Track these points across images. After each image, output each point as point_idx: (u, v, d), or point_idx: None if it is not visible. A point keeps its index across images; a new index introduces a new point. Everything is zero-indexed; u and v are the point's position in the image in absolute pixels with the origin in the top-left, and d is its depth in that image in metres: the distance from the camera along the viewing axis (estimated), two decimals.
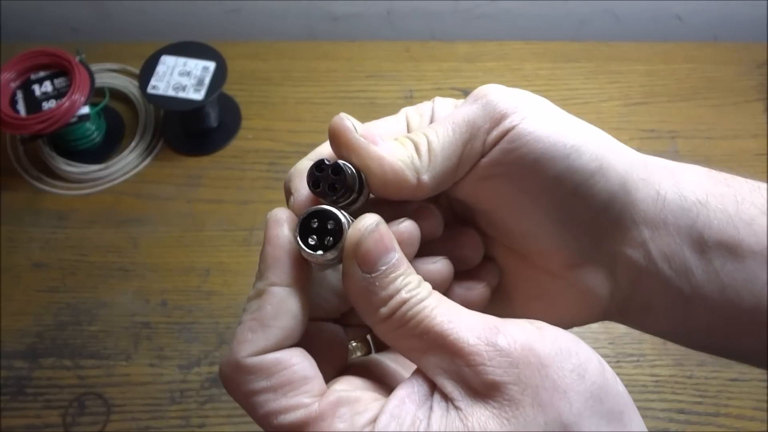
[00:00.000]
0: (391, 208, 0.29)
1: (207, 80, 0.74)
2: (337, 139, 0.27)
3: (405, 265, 0.25)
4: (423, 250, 0.29)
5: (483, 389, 0.23)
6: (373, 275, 0.25)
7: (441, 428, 0.23)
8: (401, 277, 0.25)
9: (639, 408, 0.24)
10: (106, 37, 0.90)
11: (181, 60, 0.76)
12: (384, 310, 0.25)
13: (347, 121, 0.27)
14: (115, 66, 0.82)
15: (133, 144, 0.77)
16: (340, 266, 0.26)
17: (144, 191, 0.74)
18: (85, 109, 0.72)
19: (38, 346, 0.65)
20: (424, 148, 0.27)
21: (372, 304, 0.25)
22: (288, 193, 0.29)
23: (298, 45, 0.85)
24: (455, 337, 0.24)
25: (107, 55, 0.83)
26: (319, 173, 0.26)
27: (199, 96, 0.73)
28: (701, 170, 0.30)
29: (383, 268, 0.25)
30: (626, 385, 0.25)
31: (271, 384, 0.25)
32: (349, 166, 0.27)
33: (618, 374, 0.25)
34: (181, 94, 0.73)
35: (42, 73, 0.74)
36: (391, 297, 0.25)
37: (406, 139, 0.28)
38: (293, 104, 0.80)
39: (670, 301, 0.29)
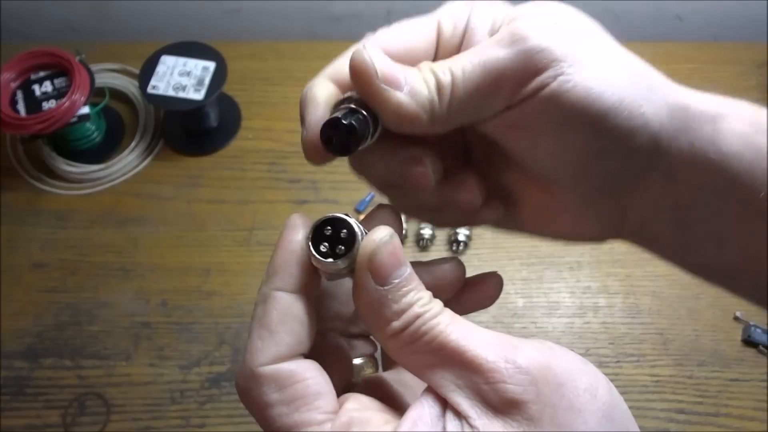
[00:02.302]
0: (397, 141, 0.28)
1: (207, 80, 0.74)
2: (357, 80, 0.27)
3: (416, 281, 0.25)
4: (422, 196, 0.29)
5: (502, 407, 0.23)
6: (386, 288, 0.24)
7: None
8: (413, 292, 0.25)
9: (639, 408, 0.24)
10: (106, 37, 0.90)
11: (181, 60, 0.76)
12: (397, 323, 0.24)
13: (369, 63, 0.26)
14: (115, 66, 0.82)
15: (133, 144, 0.77)
16: (347, 279, 0.26)
17: (144, 191, 0.74)
18: (85, 109, 0.72)
19: (38, 346, 0.65)
20: (447, 92, 0.26)
21: (384, 317, 0.24)
22: (301, 118, 0.28)
23: (299, 45, 0.85)
24: (473, 354, 0.23)
25: (107, 55, 0.83)
26: (333, 131, 0.26)
27: (199, 96, 0.73)
28: (746, 114, 0.28)
29: (396, 281, 0.24)
30: (626, 385, 0.25)
31: (284, 397, 0.24)
32: (363, 112, 0.26)
33: (618, 374, 0.25)
34: (181, 94, 0.73)
35: (42, 73, 0.74)
36: (403, 311, 0.24)
37: (431, 75, 0.27)
38: (293, 104, 0.79)
39: (681, 238, 0.30)
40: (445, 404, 0.24)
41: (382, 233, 0.25)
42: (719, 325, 0.66)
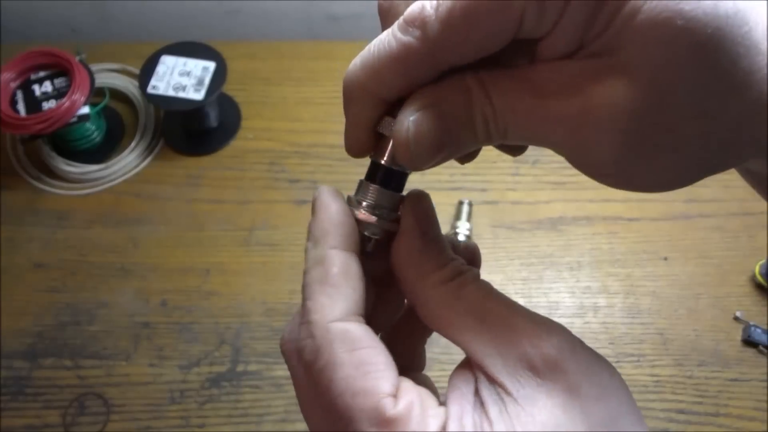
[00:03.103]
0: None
1: (207, 80, 0.74)
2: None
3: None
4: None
5: (546, 370, 0.22)
6: (430, 239, 0.25)
7: (507, 427, 0.22)
8: (451, 253, 0.25)
9: (639, 408, 0.24)
10: (106, 37, 0.90)
11: (181, 60, 0.76)
12: (444, 272, 0.24)
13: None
14: (115, 66, 0.82)
15: (133, 144, 0.77)
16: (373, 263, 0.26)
17: (144, 191, 0.74)
18: (85, 109, 0.72)
19: (38, 346, 0.65)
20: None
21: (429, 266, 0.24)
22: (345, 110, 0.26)
23: (298, 45, 0.85)
24: (518, 319, 0.23)
25: (107, 55, 0.83)
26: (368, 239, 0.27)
27: (199, 96, 0.73)
28: None
29: (437, 235, 0.25)
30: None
31: (354, 359, 0.23)
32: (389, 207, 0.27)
33: None
34: (181, 94, 0.73)
35: (42, 73, 0.74)
36: (447, 263, 0.24)
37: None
38: (293, 104, 0.80)
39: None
40: (477, 380, 0.23)
41: (420, 191, 0.26)
42: (719, 325, 0.66)
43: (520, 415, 0.21)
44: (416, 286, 0.25)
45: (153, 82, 0.74)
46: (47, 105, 0.72)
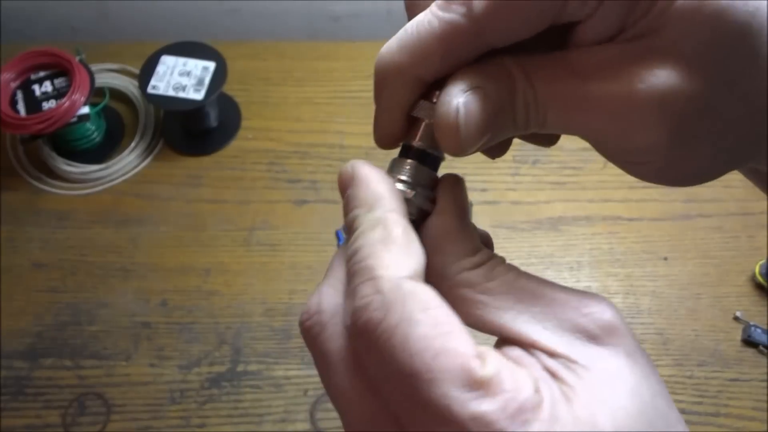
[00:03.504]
0: None
1: (207, 80, 0.74)
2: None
3: None
4: None
5: (604, 334, 0.21)
6: (465, 222, 0.24)
7: (590, 391, 0.20)
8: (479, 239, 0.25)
9: None
10: (106, 37, 0.90)
11: (181, 60, 0.76)
12: (472, 258, 0.23)
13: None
14: (115, 66, 0.82)
15: (133, 144, 0.77)
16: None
17: (144, 191, 0.74)
18: (85, 109, 0.72)
19: (38, 346, 0.65)
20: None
21: (462, 250, 0.23)
22: (377, 95, 0.26)
23: (299, 45, 0.85)
24: (557, 293, 0.22)
25: (107, 55, 0.83)
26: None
27: (199, 96, 0.73)
28: None
29: (469, 220, 0.24)
30: None
31: (429, 318, 0.20)
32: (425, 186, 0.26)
33: None
34: (181, 94, 0.73)
35: (42, 73, 0.74)
36: (480, 248, 0.24)
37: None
38: (293, 104, 0.80)
39: None
40: (533, 356, 0.22)
41: (457, 174, 0.25)
42: (719, 325, 0.66)
43: (596, 380, 0.20)
44: (450, 269, 0.23)
45: (153, 82, 0.74)
46: (47, 105, 0.72)
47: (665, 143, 0.22)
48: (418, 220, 0.25)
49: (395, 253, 0.22)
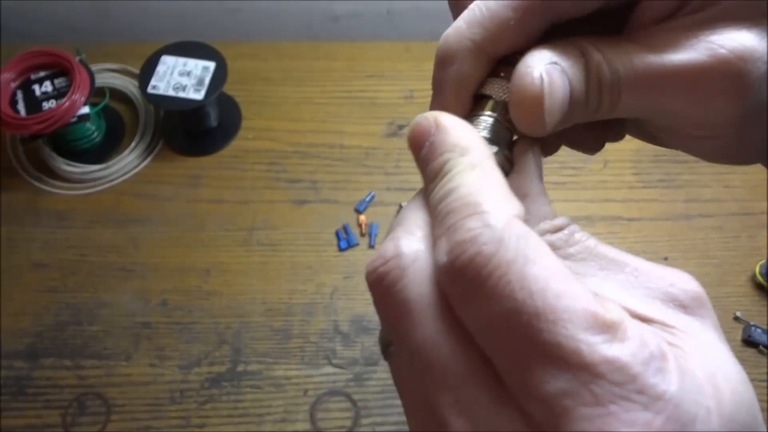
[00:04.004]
0: None
1: (207, 80, 0.74)
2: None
3: None
4: None
5: (693, 305, 0.20)
6: (542, 185, 0.24)
7: (693, 348, 0.19)
8: None
9: None
10: (106, 37, 0.90)
11: (181, 60, 0.76)
12: (551, 222, 0.22)
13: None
14: (115, 66, 0.82)
15: (133, 144, 0.77)
16: None
17: (144, 191, 0.74)
18: (85, 109, 0.72)
19: (38, 346, 0.65)
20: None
21: (545, 211, 0.22)
22: (440, 73, 0.25)
23: (299, 45, 0.85)
24: (638, 262, 0.21)
25: (107, 55, 0.83)
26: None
27: (199, 96, 0.73)
28: None
29: (543, 185, 0.24)
30: None
31: (544, 259, 0.18)
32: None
33: None
34: (181, 94, 0.73)
35: (42, 73, 0.74)
36: (556, 214, 0.23)
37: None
38: (293, 104, 0.80)
39: None
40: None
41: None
42: (719, 324, 0.65)
43: (701, 345, 0.19)
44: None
45: (153, 82, 0.74)
46: (47, 105, 0.72)
47: (741, 112, 0.22)
48: None
49: (499, 192, 0.20)
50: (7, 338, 0.65)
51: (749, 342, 0.64)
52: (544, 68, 0.22)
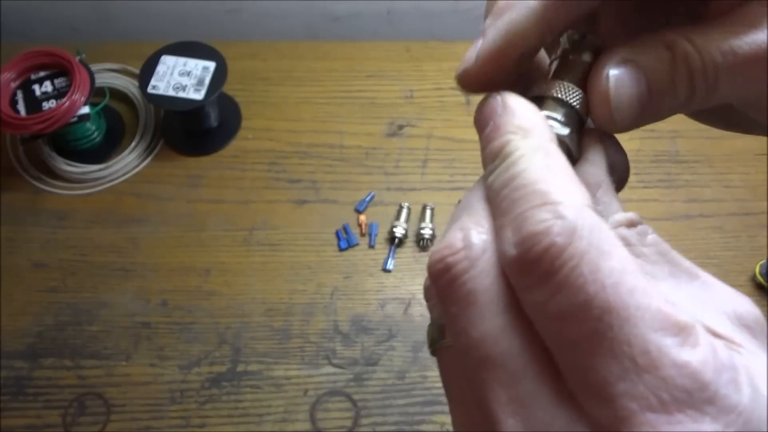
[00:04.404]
0: None
1: (207, 80, 0.74)
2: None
3: None
4: None
5: (759, 331, 0.19)
6: (612, 178, 0.23)
7: (759, 365, 0.18)
8: None
9: None
10: (106, 37, 0.90)
11: (181, 60, 0.76)
12: (630, 216, 0.21)
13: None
14: (115, 66, 0.82)
15: (133, 144, 0.77)
16: None
17: (144, 191, 0.74)
18: (85, 109, 0.72)
19: (38, 346, 0.65)
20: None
21: (617, 204, 0.22)
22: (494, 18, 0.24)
23: (299, 45, 0.85)
24: (711, 278, 0.20)
25: (107, 55, 0.83)
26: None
27: (199, 96, 0.73)
28: None
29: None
30: None
31: (619, 253, 0.18)
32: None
33: None
34: (181, 94, 0.73)
35: (42, 73, 0.74)
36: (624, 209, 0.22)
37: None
38: (293, 104, 0.80)
39: None
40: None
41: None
42: None
43: (760, 366, 0.18)
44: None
45: (153, 82, 0.74)
46: (47, 105, 0.72)
47: None
48: None
49: (569, 181, 0.19)
50: (7, 338, 0.65)
51: None
52: (613, 66, 0.22)
